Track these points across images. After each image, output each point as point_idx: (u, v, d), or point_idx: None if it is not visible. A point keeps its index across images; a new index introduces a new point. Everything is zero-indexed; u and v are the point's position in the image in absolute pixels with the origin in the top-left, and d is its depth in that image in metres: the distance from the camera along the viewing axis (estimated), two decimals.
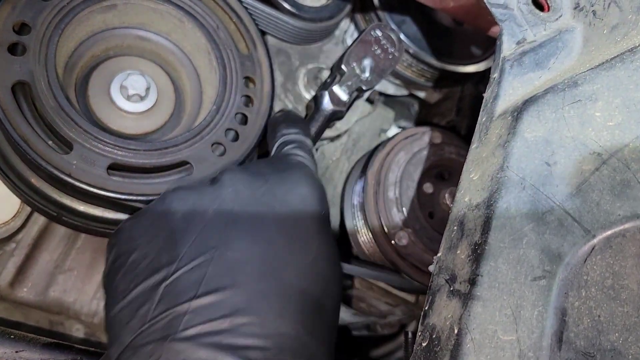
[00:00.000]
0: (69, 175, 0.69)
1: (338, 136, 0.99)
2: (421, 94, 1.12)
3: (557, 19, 0.66)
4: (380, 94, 1.11)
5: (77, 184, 0.69)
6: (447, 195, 0.88)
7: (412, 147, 0.90)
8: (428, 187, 0.89)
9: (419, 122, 1.15)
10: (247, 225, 0.58)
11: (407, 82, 1.06)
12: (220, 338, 0.50)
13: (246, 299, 0.52)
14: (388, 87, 1.08)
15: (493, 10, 0.65)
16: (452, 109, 1.13)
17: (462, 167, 0.61)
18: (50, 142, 0.70)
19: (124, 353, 0.52)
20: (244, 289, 0.53)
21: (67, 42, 0.79)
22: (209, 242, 0.56)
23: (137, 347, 0.51)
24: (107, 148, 0.72)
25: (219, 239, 0.56)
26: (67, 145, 0.71)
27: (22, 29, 0.74)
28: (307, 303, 0.56)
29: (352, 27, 1.04)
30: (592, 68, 0.52)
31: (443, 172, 0.93)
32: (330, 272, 0.61)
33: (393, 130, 1.11)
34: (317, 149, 0.99)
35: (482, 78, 1.13)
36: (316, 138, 0.83)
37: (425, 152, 0.90)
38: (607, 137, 0.48)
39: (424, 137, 0.92)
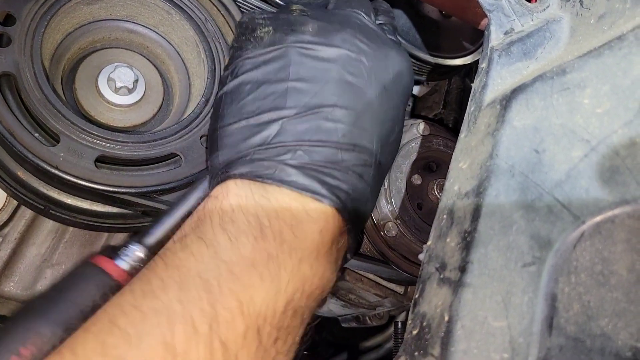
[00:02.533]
0: (56, 168, 0.68)
1: None
2: None
3: (544, 9, 0.66)
4: None
5: (65, 176, 0.68)
6: (435, 186, 0.88)
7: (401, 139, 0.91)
8: (416, 179, 0.89)
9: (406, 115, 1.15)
10: (359, 94, 0.68)
11: None
12: (321, 175, 0.63)
13: (341, 155, 0.65)
14: None
15: (480, 0, 0.65)
16: (439, 102, 1.13)
17: (450, 159, 0.61)
18: (36, 135, 0.70)
19: (240, 160, 0.65)
20: (346, 141, 0.66)
21: (53, 33, 0.78)
22: (326, 100, 0.66)
23: (254, 159, 0.64)
24: (95, 140, 0.72)
25: (334, 100, 0.66)
26: (53, 138, 0.71)
27: (7, 20, 0.73)
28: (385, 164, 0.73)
29: None
30: (580, 56, 0.53)
31: (431, 163, 0.93)
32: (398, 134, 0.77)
33: None
34: None
35: (470, 71, 1.13)
36: None
37: (413, 144, 0.90)
38: (595, 124, 0.48)
39: (412, 129, 0.92)
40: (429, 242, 0.56)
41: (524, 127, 0.52)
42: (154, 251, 0.64)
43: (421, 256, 0.56)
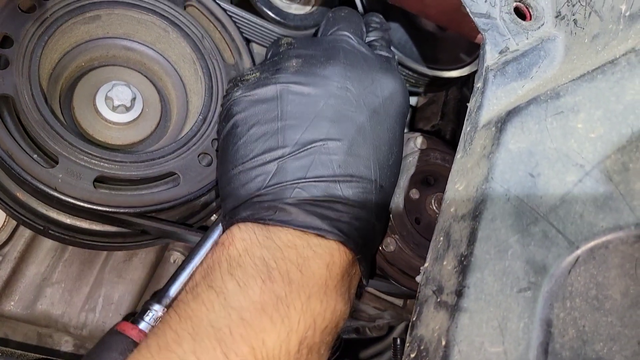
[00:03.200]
0: (55, 190, 0.69)
1: None
2: None
3: (539, 27, 0.67)
4: None
5: (63, 197, 0.69)
6: (433, 200, 0.89)
7: None
8: (414, 193, 0.89)
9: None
10: (349, 122, 0.69)
11: None
12: (321, 210, 0.64)
13: (339, 187, 0.66)
14: None
15: (475, 19, 0.66)
16: (437, 113, 1.13)
17: (448, 173, 0.61)
18: (35, 156, 0.70)
19: (241, 206, 0.66)
20: (342, 172, 0.66)
21: (50, 53, 0.78)
22: (317, 134, 0.67)
23: (255, 203, 0.65)
24: (93, 161, 0.72)
25: (325, 132, 0.67)
26: (52, 159, 0.71)
27: (4, 41, 0.73)
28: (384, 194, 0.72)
29: None
30: (573, 79, 0.53)
31: (429, 177, 0.93)
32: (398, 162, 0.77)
33: None
34: None
35: (467, 81, 1.13)
36: None
37: (410, 159, 0.91)
38: (589, 148, 0.48)
39: (409, 143, 0.93)
40: (425, 264, 0.56)
41: (519, 150, 0.52)
42: None
43: (418, 278, 0.56)
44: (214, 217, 0.86)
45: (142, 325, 0.68)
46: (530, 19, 0.67)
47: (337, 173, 0.66)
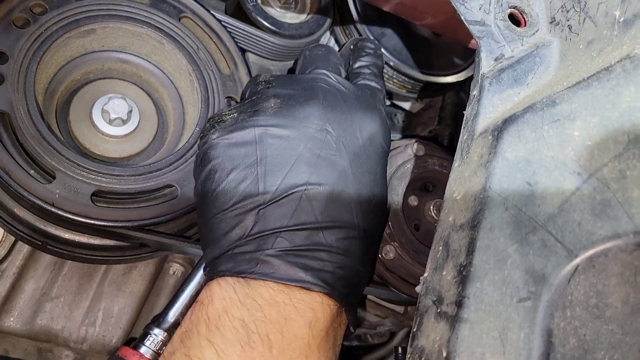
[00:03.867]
0: (52, 205, 0.69)
1: None
2: (403, 104, 1.13)
3: (533, 33, 0.67)
4: None
5: (61, 213, 0.69)
6: (432, 207, 0.88)
7: (396, 160, 0.91)
8: (413, 200, 0.89)
9: (401, 131, 1.16)
10: (330, 166, 0.67)
11: (388, 93, 1.06)
12: (304, 260, 0.62)
13: (322, 234, 0.64)
14: None
15: (470, 27, 0.66)
16: (434, 118, 1.14)
17: (446, 179, 0.61)
18: (32, 172, 0.70)
19: (222, 256, 0.64)
20: (324, 219, 0.65)
21: (46, 68, 0.78)
22: (298, 179, 0.65)
23: (236, 254, 0.63)
24: (91, 175, 0.72)
25: (306, 177, 0.66)
26: (49, 175, 0.71)
27: None
28: (368, 239, 0.70)
29: (333, 41, 1.04)
30: (569, 87, 0.53)
31: (427, 184, 0.93)
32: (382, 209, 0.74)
33: None
34: None
35: (463, 85, 1.14)
36: None
37: (408, 165, 0.91)
38: (586, 156, 0.48)
39: (407, 149, 0.93)
40: (425, 274, 0.56)
41: (516, 159, 0.52)
42: (171, 332, 0.68)
43: (418, 288, 0.56)
44: None
45: (143, 350, 0.68)
46: (525, 25, 0.67)
47: (319, 220, 0.64)
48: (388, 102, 1.11)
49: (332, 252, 0.64)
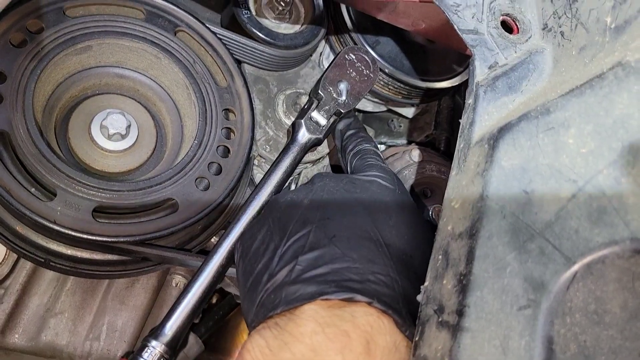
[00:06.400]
0: (54, 222, 0.69)
1: (320, 159, 1.00)
2: (399, 110, 1.13)
3: (526, 40, 0.67)
4: (359, 111, 1.13)
5: (63, 230, 0.69)
6: (431, 212, 0.89)
7: (394, 167, 0.92)
8: None
9: (398, 137, 1.16)
10: (335, 206, 0.72)
11: (384, 100, 1.07)
12: (324, 277, 0.63)
13: (341, 251, 0.66)
14: (366, 105, 1.09)
15: (464, 36, 0.66)
16: (430, 123, 1.14)
17: (444, 184, 0.62)
18: (33, 190, 0.71)
19: (257, 310, 0.65)
20: (338, 245, 0.67)
21: (43, 86, 0.79)
22: (307, 220, 0.69)
23: (264, 301, 0.65)
24: (91, 192, 0.72)
25: (314, 217, 0.70)
26: (50, 192, 0.71)
27: None
28: (394, 252, 0.69)
29: (328, 49, 1.04)
30: (563, 94, 0.53)
31: (425, 189, 0.94)
32: (413, 230, 0.73)
33: None
34: (299, 174, 1.00)
35: (458, 89, 1.14)
36: (292, 169, 0.83)
37: (407, 172, 0.91)
38: (581, 164, 0.49)
39: (405, 156, 0.93)
40: (426, 283, 0.57)
41: (512, 167, 0.53)
42: (170, 345, 0.70)
43: (419, 297, 0.56)
44: (214, 240, 0.86)
45: None
46: (518, 32, 0.68)
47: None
48: (384, 109, 1.12)
49: (355, 264, 0.65)
